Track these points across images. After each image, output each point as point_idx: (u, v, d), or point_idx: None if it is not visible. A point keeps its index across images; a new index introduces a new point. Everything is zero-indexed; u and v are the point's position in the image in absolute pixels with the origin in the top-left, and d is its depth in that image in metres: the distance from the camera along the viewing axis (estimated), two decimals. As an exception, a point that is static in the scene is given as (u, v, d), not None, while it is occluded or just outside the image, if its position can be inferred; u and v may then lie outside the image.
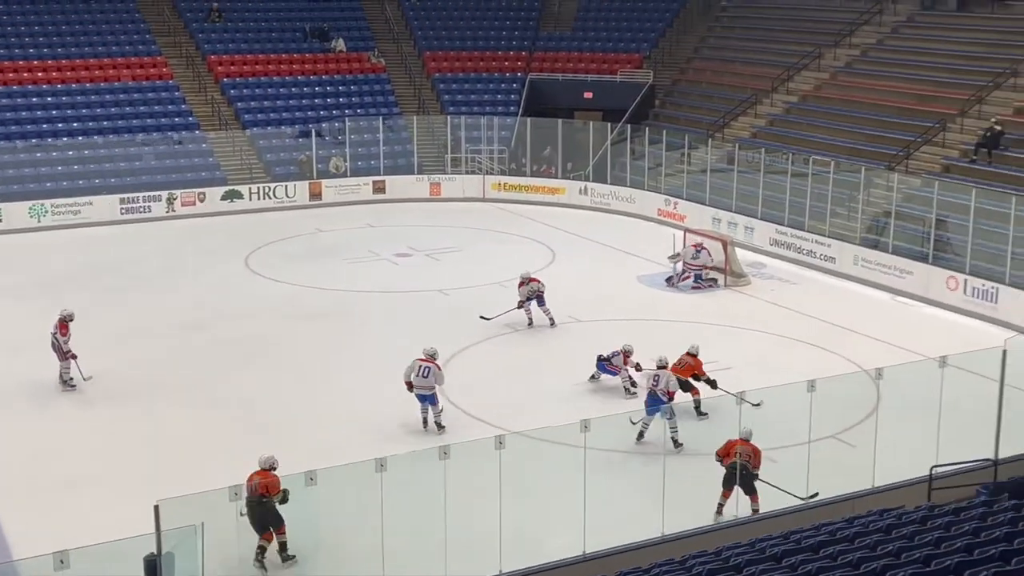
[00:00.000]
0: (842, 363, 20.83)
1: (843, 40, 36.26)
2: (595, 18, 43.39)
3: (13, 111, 35.26)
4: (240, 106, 37.90)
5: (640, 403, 17.75)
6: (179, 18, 40.63)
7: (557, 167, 36.62)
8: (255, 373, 20.62)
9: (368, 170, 36.59)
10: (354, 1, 44.02)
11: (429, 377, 17.66)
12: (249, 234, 31.24)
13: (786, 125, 34.59)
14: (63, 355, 19.26)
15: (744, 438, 14.57)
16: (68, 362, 19.29)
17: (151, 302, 24.87)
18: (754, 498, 14.53)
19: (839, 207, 28.45)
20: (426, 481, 12.88)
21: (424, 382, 17.67)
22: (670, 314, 24.28)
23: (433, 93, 40.86)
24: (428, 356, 17.98)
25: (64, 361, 19.30)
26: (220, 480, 12.23)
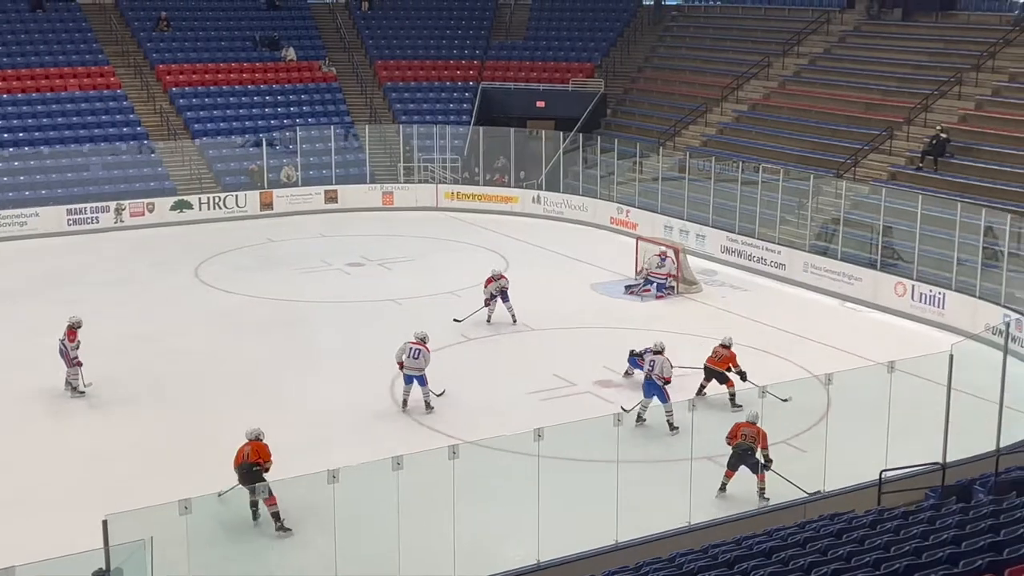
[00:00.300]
0: (792, 369, 21.02)
1: (791, 49, 36.69)
2: (547, 28, 43.57)
3: (-43, 121, 34.75)
4: (189, 115, 37.57)
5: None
6: (127, 27, 40.24)
7: (510, 176, 36.67)
8: (206, 385, 20.41)
9: (320, 179, 36.42)
10: (305, 10, 43.86)
11: (419, 359, 18.68)
12: (199, 245, 30.95)
13: (736, 133, 34.92)
14: (70, 362, 19.36)
15: (751, 421, 15.26)
16: (75, 369, 19.38)
17: (100, 314, 24.49)
18: (760, 477, 15.17)
19: (789, 214, 28.76)
20: (379, 492, 12.82)
21: (414, 363, 18.67)
22: (623, 321, 24.38)
23: (385, 102, 40.78)
24: (419, 339, 18.96)
25: (71, 368, 19.38)
26: (171, 494, 12.08)
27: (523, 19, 44.23)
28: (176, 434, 18.15)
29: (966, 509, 11.77)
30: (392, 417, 18.90)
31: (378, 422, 18.71)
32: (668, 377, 18.03)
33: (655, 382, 17.91)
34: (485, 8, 44.62)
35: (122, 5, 40.82)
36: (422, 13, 44.36)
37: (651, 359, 18.22)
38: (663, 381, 17.91)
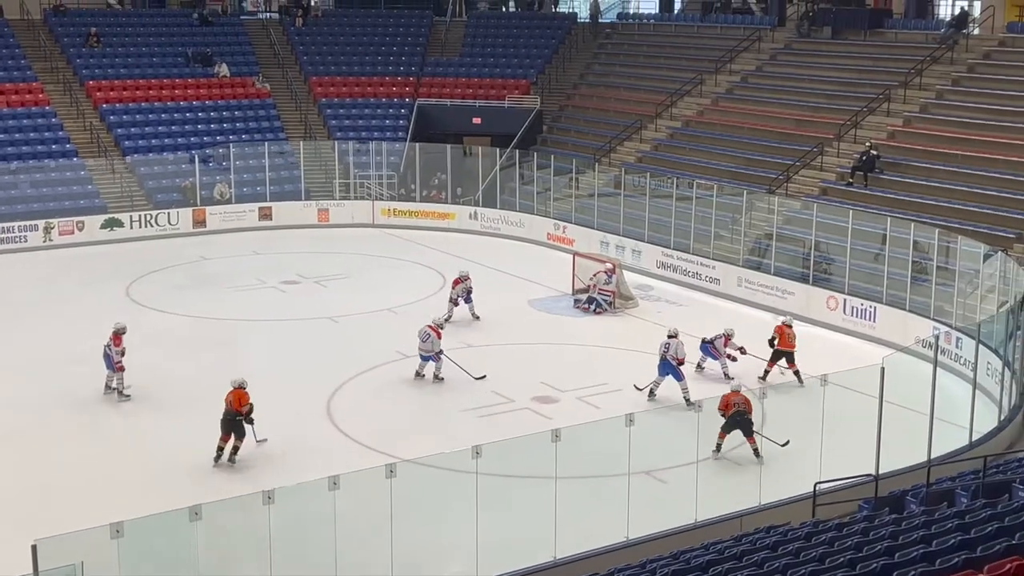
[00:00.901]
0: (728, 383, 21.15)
1: (724, 67, 37.16)
2: (482, 44, 43.68)
3: None
4: (120, 132, 37.02)
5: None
6: (56, 43, 39.58)
7: (447, 192, 36.63)
8: (139, 405, 20.04)
9: (254, 196, 36.06)
10: (238, 26, 43.52)
11: (427, 342, 20.87)
12: (131, 263, 30.44)
13: (670, 150, 35.25)
14: (115, 366, 19.96)
15: (735, 390, 17.28)
16: (120, 373, 20.00)
17: (29, 336, 24.03)
18: (751, 440, 17.03)
19: (723, 230, 29.07)
20: (316, 512, 12.67)
21: (424, 345, 20.93)
22: (560, 338, 24.44)
23: (320, 118, 40.55)
24: (435, 325, 21.26)
25: (116, 372, 20.00)
26: (102, 517, 11.83)
27: (459, 36, 44.30)
28: (106, 455, 17.79)
29: (899, 520, 11.94)
30: (328, 436, 18.73)
31: (314, 441, 18.52)
32: (681, 358, 20.06)
33: (669, 362, 19.92)
34: (420, 25, 44.61)
35: (51, 21, 40.17)
36: (357, 29, 44.24)
37: (666, 342, 20.16)
38: (677, 362, 19.94)
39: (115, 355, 19.92)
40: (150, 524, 11.75)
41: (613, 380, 21.42)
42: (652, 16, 44.33)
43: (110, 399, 20.17)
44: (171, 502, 13.12)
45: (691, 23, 41.92)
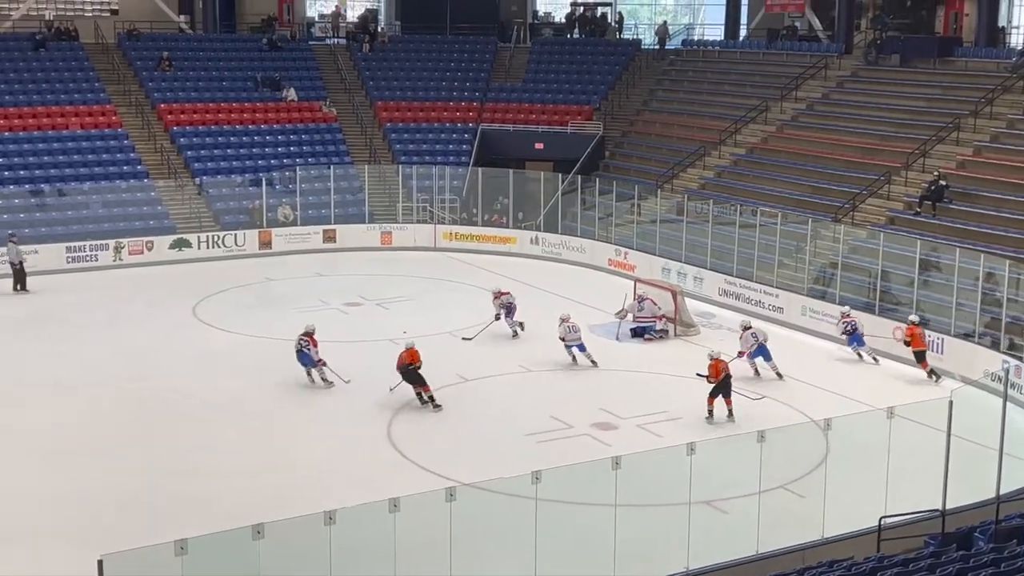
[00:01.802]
0: (791, 413, 20.96)
1: (789, 94, 36.92)
2: (546, 70, 43.85)
3: (-42, 158, 34.84)
4: (190, 154, 37.70)
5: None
6: (129, 66, 40.47)
7: (508, 217, 36.75)
8: (202, 424, 20.32)
9: (319, 219, 36.49)
10: (306, 51, 44.15)
11: (573, 331, 23.84)
12: (198, 283, 30.93)
13: (734, 177, 35.06)
14: (316, 363, 22.31)
15: (718, 357, 20.73)
16: (324, 368, 22.29)
17: (96, 352, 24.49)
18: (728, 401, 20.46)
19: (787, 258, 28.80)
20: (376, 534, 12.72)
21: (572, 335, 23.77)
22: (620, 364, 24.34)
23: (385, 143, 40.96)
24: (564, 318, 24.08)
25: (319, 367, 22.30)
26: (166, 534, 11.99)
27: (523, 62, 44.54)
28: (170, 473, 18.04)
29: (967, 557, 11.70)
30: (389, 459, 18.82)
31: (375, 463, 18.62)
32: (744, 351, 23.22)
33: (764, 346, 23.20)
34: (485, 51, 44.93)
35: (124, 45, 41.09)
36: (423, 55, 44.67)
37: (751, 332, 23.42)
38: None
39: (314, 354, 22.29)
40: (213, 542, 11.88)
41: (673, 407, 21.29)
42: (717, 43, 44.18)
43: (173, 417, 20.46)
44: (234, 520, 13.27)
45: (757, 50, 41.73)
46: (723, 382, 20.41)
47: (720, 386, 20.43)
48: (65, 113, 37.45)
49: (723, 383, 20.43)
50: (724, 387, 20.44)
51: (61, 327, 26.54)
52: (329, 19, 49.40)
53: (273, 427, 20.29)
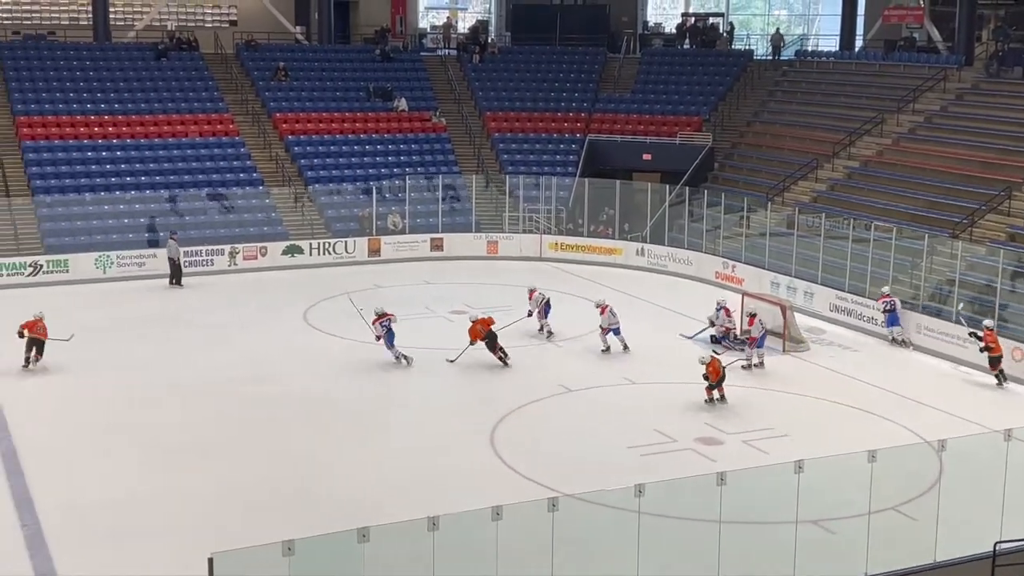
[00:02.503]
0: (903, 433, 20.45)
1: (906, 106, 36.07)
2: (655, 81, 43.65)
3: (83, 164, 36.15)
4: (303, 163, 38.50)
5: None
6: (247, 76, 41.53)
7: (614, 228, 36.64)
8: (311, 426, 20.71)
9: (427, 227, 36.90)
10: (418, 62, 44.73)
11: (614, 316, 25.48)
12: (309, 289, 31.55)
13: (847, 190, 34.38)
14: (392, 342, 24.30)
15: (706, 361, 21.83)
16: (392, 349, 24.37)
17: (211, 355, 25.15)
18: (721, 389, 21.83)
19: (901, 274, 28.11)
20: (478, 541, 12.78)
21: (612, 320, 25.34)
22: (727, 379, 24.00)
23: (493, 152, 41.23)
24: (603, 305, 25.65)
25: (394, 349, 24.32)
26: (273, 534, 12.25)
27: (632, 72, 44.40)
28: (282, 475, 18.42)
29: (1088, 587, 11.24)
30: (491, 466, 18.91)
31: (477, 470, 18.72)
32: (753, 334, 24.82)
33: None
34: (594, 61, 44.92)
35: (242, 55, 42.19)
36: (532, 66, 44.87)
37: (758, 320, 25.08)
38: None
39: (375, 330, 24.10)
40: (320, 543, 12.07)
41: (781, 424, 20.97)
42: (832, 53, 43.42)
43: (284, 419, 20.89)
44: (341, 521, 13.49)
45: (873, 61, 40.89)
46: (721, 379, 21.76)
47: (720, 381, 21.79)
48: (184, 121, 38.60)
49: (721, 380, 21.77)
50: (721, 381, 21.80)
51: (177, 330, 27.31)
52: (440, 30, 50.02)
53: (379, 432, 20.56)
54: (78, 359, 24.45)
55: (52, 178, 35.22)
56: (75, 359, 24.44)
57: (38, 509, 16.70)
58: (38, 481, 17.79)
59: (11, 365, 23.72)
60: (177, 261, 31.77)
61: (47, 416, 20.86)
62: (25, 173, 35.24)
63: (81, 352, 24.98)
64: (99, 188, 35.23)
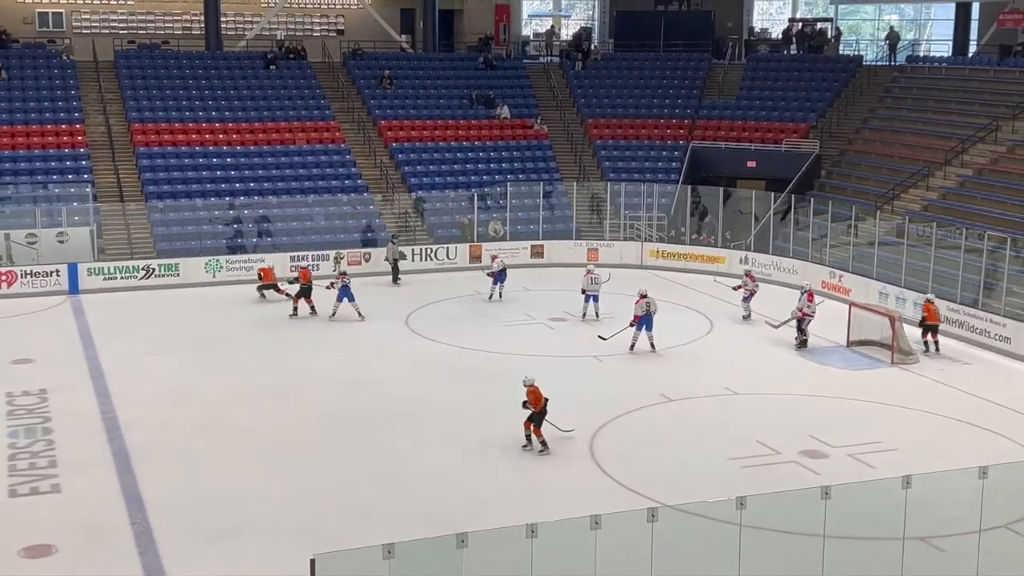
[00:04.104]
0: (1016, 449, 19.80)
1: (1021, 113, 34.94)
2: (760, 87, 43.07)
3: (195, 170, 37.14)
4: (407, 170, 38.94)
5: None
6: (353, 84, 42.20)
7: (716, 236, 36.22)
8: (412, 430, 20.89)
9: (527, 234, 36.97)
10: (521, 69, 44.91)
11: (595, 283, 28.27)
12: (411, 294, 31.87)
13: (959, 199, 33.43)
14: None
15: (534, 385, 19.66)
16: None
17: (316, 358, 25.57)
18: (539, 432, 19.71)
19: (1016, 285, 27.22)
20: (576, 550, 12.73)
21: (592, 286, 28.19)
22: (832, 390, 23.58)
23: (594, 159, 41.15)
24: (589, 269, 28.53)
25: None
26: (375, 538, 12.39)
27: (736, 79, 43.89)
28: (383, 478, 18.63)
29: None
30: (591, 475, 18.83)
31: (576, 479, 18.67)
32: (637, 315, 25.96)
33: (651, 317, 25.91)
34: (698, 68, 44.53)
35: (349, 64, 42.88)
36: (635, 72, 44.67)
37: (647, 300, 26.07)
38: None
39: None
40: (419, 547, 12.17)
41: (889, 438, 20.47)
42: (945, 59, 42.32)
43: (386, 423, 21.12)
44: (439, 526, 13.59)
45: (987, 66, 39.69)
46: (543, 411, 19.59)
47: (540, 415, 19.59)
48: (292, 128, 39.41)
49: (542, 412, 19.60)
50: (542, 416, 19.60)
51: (282, 332, 27.84)
52: (543, 37, 50.12)
53: (478, 437, 20.64)
54: (188, 361, 25.13)
55: (165, 184, 36.26)
56: (184, 361, 25.12)
57: (148, 508, 17.16)
58: (148, 480, 18.28)
59: (121, 364, 24.50)
60: (394, 262, 33.36)
61: (157, 416, 21.43)
62: (139, 179, 36.36)
63: (190, 355, 25.67)
64: (210, 194, 36.15)
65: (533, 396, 19.55)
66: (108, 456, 19.35)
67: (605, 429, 20.95)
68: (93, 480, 18.31)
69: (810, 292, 27.06)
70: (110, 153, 36.98)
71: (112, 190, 35.55)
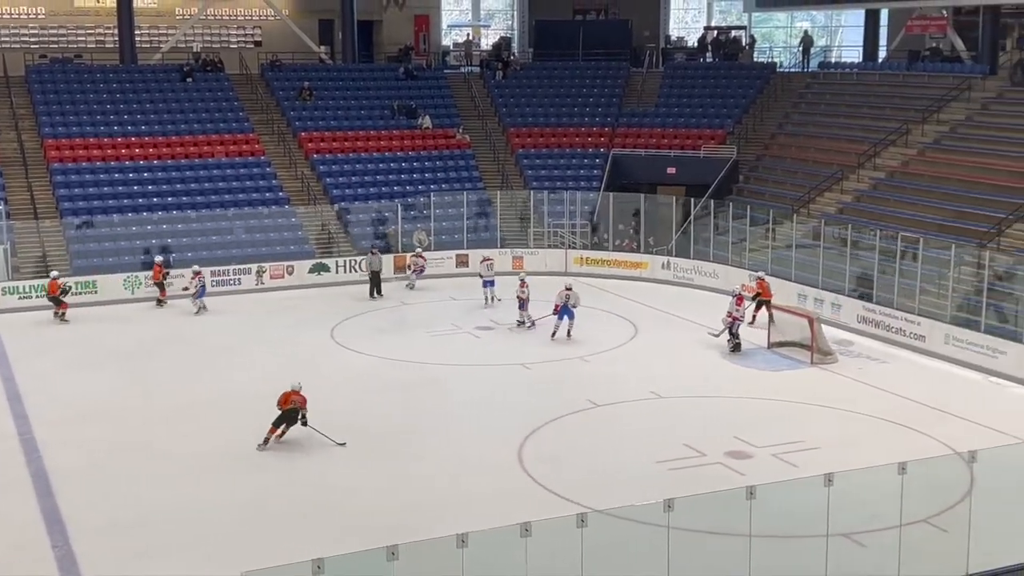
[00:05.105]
0: (933, 445, 20.30)
1: (931, 116, 35.91)
2: (678, 95, 43.63)
3: (111, 186, 36.48)
4: (329, 181, 38.70)
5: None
6: (272, 96, 41.84)
7: (639, 242, 36.60)
8: (335, 444, 20.74)
9: (452, 244, 36.98)
10: (441, 79, 44.93)
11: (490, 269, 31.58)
12: (335, 306, 31.67)
13: (873, 201, 34.22)
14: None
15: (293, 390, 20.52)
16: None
17: (238, 373, 25.28)
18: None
19: (929, 284, 27.94)
20: (507, 559, 12.77)
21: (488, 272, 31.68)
22: (755, 392, 23.96)
23: (517, 168, 41.32)
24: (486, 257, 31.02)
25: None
26: (302, 552, 12.30)
27: (655, 86, 44.41)
28: (309, 491, 18.47)
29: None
30: (519, 483, 18.89)
31: (505, 487, 18.71)
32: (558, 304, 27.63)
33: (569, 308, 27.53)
34: (617, 76, 44.98)
35: (267, 75, 42.52)
36: (555, 81, 44.96)
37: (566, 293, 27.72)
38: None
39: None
40: (350, 562, 12.09)
41: (810, 437, 20.86)
42: (856, 64, 43.29)
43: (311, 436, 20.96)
44: (369, 538, 13.52)
45: (897, 71, 40.70)
46: (289, 413, 20.46)
47: (286, 416, 20.41)
48: (211, 142, 38.92)
49: (289, 414, 20.49)
50: (287, 418, 20.44)
51: (204, 347, 27.47)
52: (463, 47, 50.22)
53: (406, 446, 20.59)
54: (107, 379, 24.67)
55: (80, 200, 35.56)
56: (103, 379, 24.66)
57: (69, 530, 16.81)
58: (68, 502, 17.91)
59: (38, 384, 23.97)
60: (375, 274, 33.03)
61: (76, 436, 21.00)
62: (53, 195, 35.61)
63: (109, 373, 25.21)
64: (127, 209, 35.54)
65: (283, 398, 20.46)
66: (27, 478, 18.93)
67: (533, 436, 21.03)
68: (12, 504, 17.90)
69: (739, 296, 27.44)
70: (23, 170, 36.17)
71: (26, 207, 34.77)
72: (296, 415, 20.42)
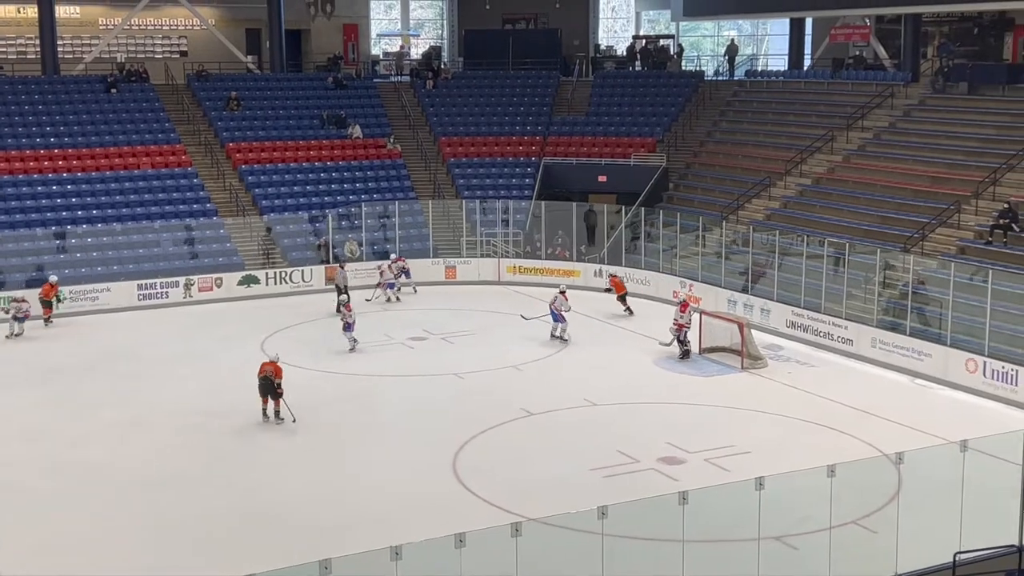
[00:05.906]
0: (861, 447, 20.62)
1: (855, 123, 36.56)
2: (608, 103, 43.93)
3: (34, 199, 35.74)
4: (257, 192, 38.30)
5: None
6: (198, 106, 41.31)
7: (571, 250, 36.74)
8: (271, 457, 20.51)
9: (384, 254, 36.76)
10: (371, 89, 44.73)
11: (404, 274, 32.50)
12: (266, 319, 31.31)
13: (800, 207, 34.74)
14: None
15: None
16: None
17: (166, 388, 24.87)
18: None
19: (855, 289, 28.42)
20: (442, 570, 12.70)
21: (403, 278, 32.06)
22: (687, 397, 24.15)
23: (448, 178, 41.27)
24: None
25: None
26: (236, 570, 12.11)
27: (585, 95, 44.67)
28: (242, 508, 18.22)
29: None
30: (454, 493, 18.82)
31: (440, 498, 18.63)
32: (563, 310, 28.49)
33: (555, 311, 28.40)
34: (547, 85, 45.17)
35: (194, 85, 41.98)
36: (485, 91, 45.02)
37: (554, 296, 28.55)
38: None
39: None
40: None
41: (741, 441, 21.07)
42: (781, 73, 43.97)
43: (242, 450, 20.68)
44: (301, 552, 13.36)
45: (821, 79, 41.40)
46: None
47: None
48: (136, 153, 38.31)
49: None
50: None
51: (132, 363, 26.99)
52: (393, 57, 50.07)
53: (339, 460, 20.41)
54: (32, 397, 24.12)
55: (2, 214, 34.77)
56: (29, 397, 24.10)
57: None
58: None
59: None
60: (343, 288, 31.95)
61: (1, 456, 20.48)
62: (-26, 209, 34.80)
63: (35, 390, 24.64)
64: (51, 223, 34.80)
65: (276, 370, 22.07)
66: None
67: (468, 446, 20.98)
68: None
69: (684, 303, 27.66)
70: (-59, 183, 35.34)
71: (-56, 221, 33.94)
72: (270, 384, 21.73)
